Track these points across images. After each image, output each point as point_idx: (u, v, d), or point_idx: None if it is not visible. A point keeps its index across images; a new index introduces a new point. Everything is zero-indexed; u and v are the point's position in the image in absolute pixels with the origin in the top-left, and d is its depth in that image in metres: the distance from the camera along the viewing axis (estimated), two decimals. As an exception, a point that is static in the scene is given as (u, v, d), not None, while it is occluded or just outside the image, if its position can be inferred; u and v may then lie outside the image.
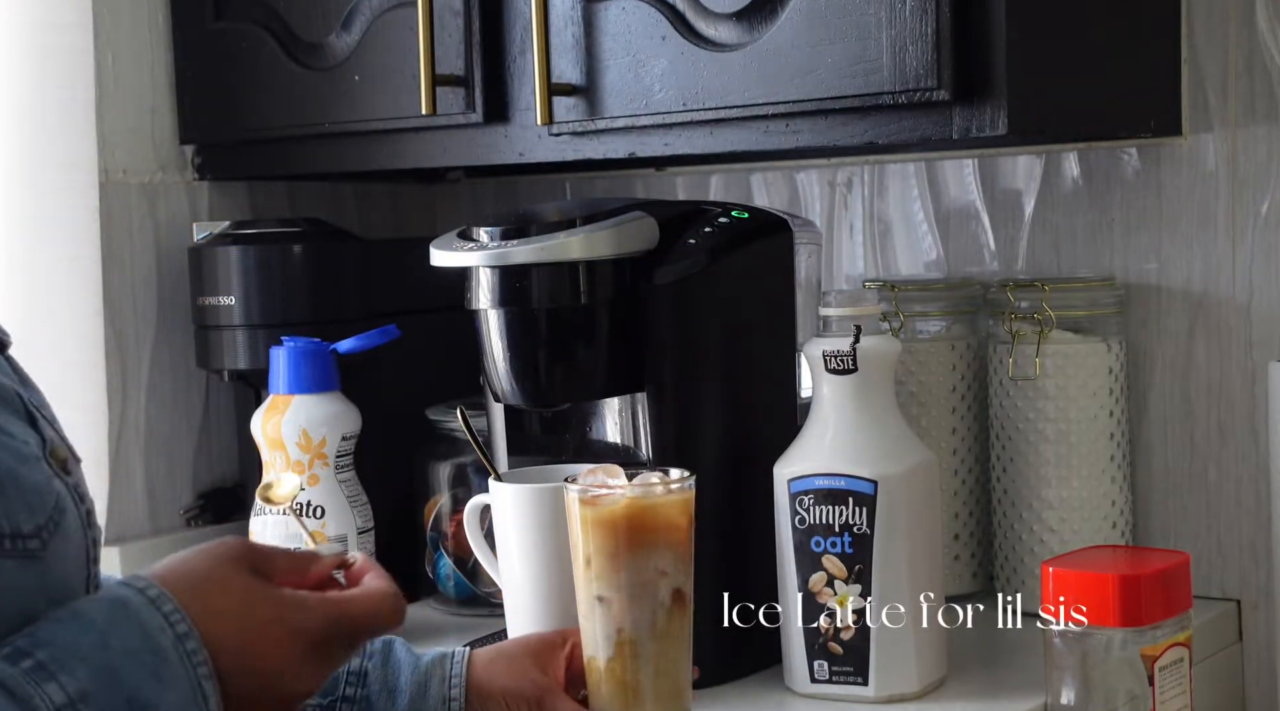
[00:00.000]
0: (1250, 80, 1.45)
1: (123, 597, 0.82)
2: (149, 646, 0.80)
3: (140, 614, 0.81)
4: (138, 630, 0.81)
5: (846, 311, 1.27)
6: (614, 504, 1.10)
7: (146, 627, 0.81)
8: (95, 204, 1.62)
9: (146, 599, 0.82)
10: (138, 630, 0.81)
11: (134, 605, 0.82)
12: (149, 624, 0.81)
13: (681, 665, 1.12)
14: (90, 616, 0.81)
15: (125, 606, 0.82)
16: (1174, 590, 1.14)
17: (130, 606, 0.82)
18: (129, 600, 0.82)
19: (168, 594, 0.82)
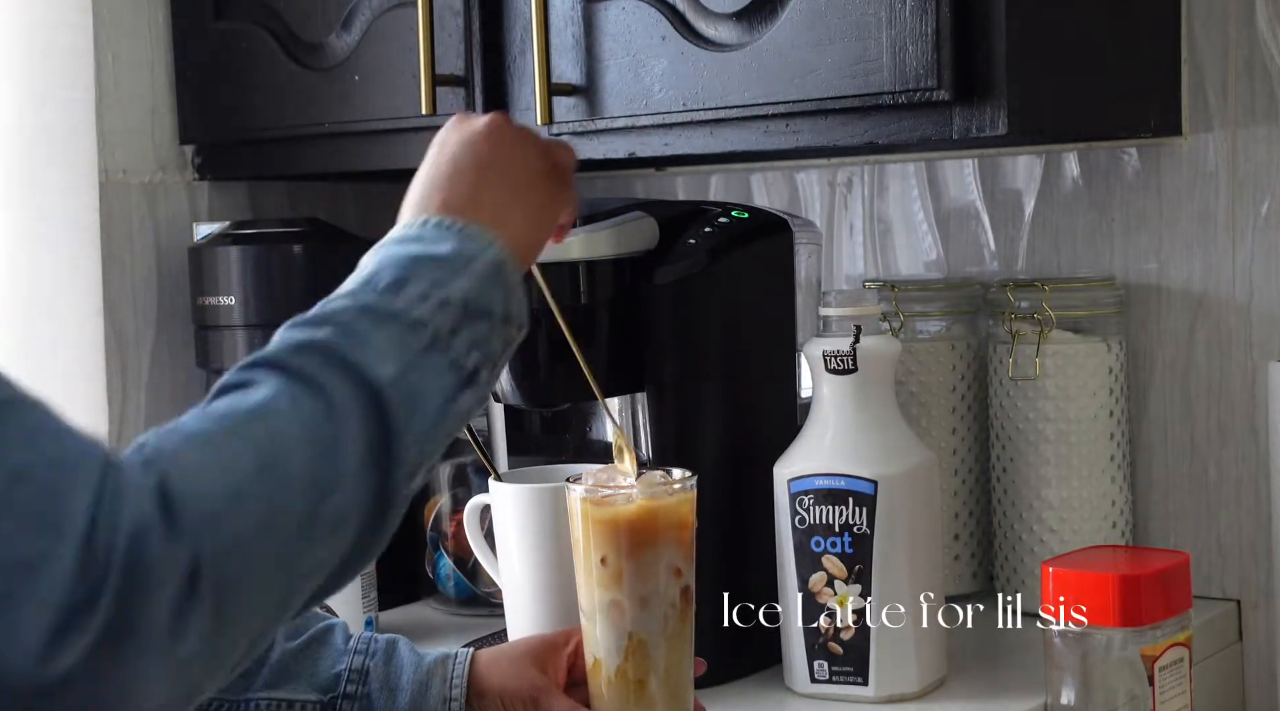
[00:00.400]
0: (1250, 80, 1.45)
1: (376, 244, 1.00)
2: (405, 240, 1.00)
3: (385, 239, 1.02)
4: (390, 242, 1.01)
5: (846, 311, 1.27)
6: (623, 504, 1.10)
7: (394, 237, 1.02)
8: (95, 204, 1.62)
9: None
10: (390, 242, 1.01)
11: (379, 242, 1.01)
12: (394, 236, 1.02)
13: (684, 664, 1.12)
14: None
15: (375, 245, 1.01)
16: (1174, 590, 1.14)
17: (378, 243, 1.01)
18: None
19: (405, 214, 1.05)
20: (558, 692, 1.13)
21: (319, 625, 1.14)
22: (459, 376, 0.91)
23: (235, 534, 0.76)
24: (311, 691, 1.10)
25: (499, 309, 0.94)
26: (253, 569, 0.78)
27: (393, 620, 1.55)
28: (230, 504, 0.77)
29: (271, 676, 1.10)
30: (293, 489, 0.80)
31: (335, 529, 0.82)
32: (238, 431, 0.80)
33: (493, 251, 0.96)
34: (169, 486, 0.75)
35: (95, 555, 0.71)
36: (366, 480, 0.83)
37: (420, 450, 0.87)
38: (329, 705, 1.10)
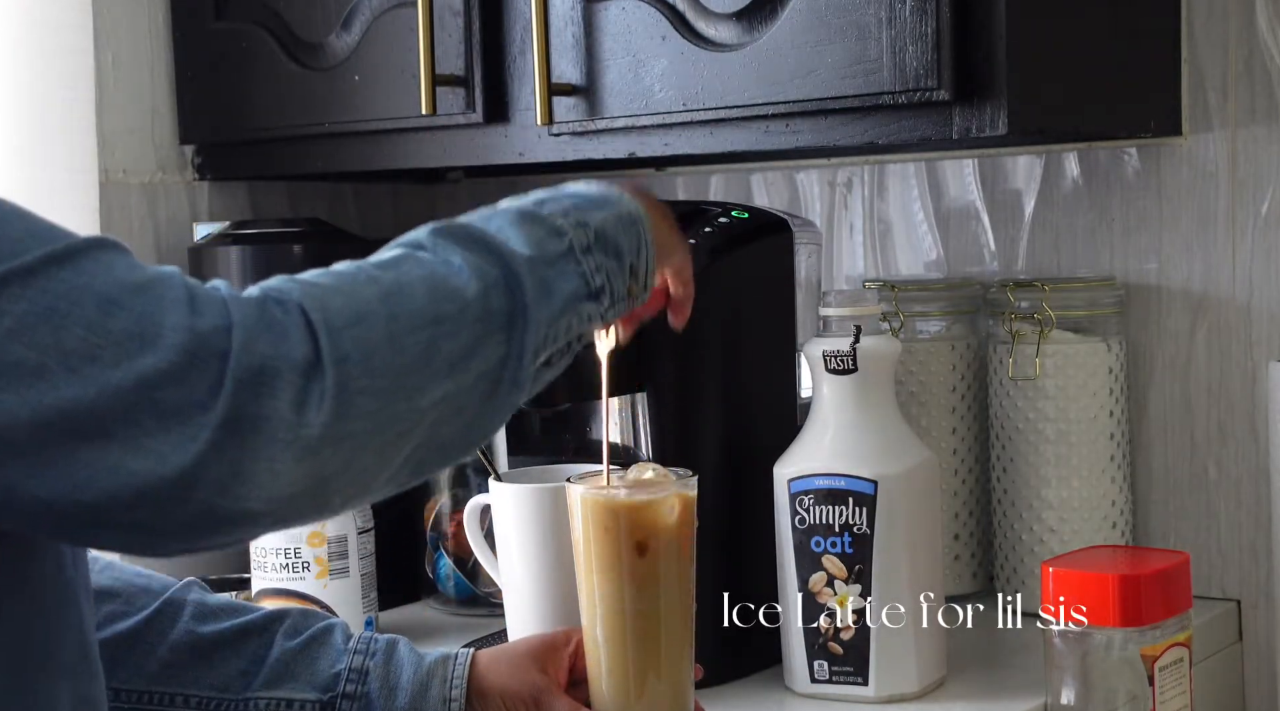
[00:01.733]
0: (1250, 80, 1.45)
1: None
2: (597, 201, 1.00)
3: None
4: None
5: (846, 311, 1.27)
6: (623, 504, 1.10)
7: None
8: (96, 204, 1.62)
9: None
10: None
11: None
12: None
13: (685, 664, 1.12)
14: None
15: None
16: (1174, 590, 1.14)
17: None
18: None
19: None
20: (559, 692, 1.13)
21: (319, 624, 1.14)
22: (586, 287, 0.95)
23: (359, 343, 0.81)
24: (311, 691, 1.10)
25: (628, 253, 0.99)
26: (373, 381, 0.81)
27: (393, 620, 1.55)
28: (353, 321, 0.82)
29: (271, 675, 1.10)
30: (414, 319, 0.84)
31: (458, 369, 0.86)
32: (362, 272, 0.86)
33: (634, 206, 1.01)
34: (286, 302, 0.81)
35: (202, 358, 0.77)
36: (494, 343, 0.88)
37: (543, 337, 0.91)
38: (329, 704, 1.10)
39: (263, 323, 0.79)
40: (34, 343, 0.76)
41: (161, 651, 1.09)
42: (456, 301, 0.87)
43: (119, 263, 0.79)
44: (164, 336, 0.77)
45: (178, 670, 1.09)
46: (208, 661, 1.10)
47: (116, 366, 0.76)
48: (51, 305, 0.76)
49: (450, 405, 0.86)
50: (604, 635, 1.11)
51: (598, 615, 1.11)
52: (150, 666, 1.08)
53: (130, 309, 0.77)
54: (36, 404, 0.75)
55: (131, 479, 0.76)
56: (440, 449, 0.88)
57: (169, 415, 0.76)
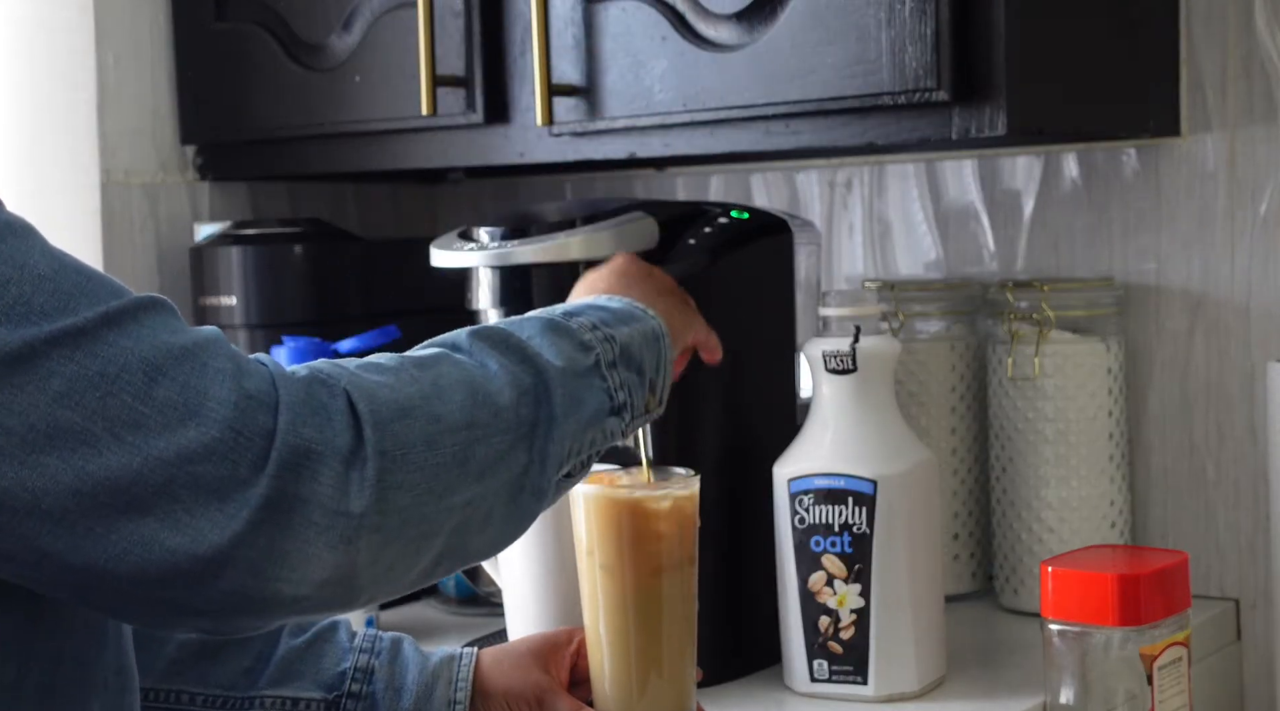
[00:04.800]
0: (1249, 81, 1.45)
1: None
2: (573, 307, 1.02)
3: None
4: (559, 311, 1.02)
5: (846, 311, 1.28)
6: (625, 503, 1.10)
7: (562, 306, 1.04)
8: (97, 204, 1.63)
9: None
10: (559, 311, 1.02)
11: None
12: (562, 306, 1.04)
13: (686, 663, 1.13)
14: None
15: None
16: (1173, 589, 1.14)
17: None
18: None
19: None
20: (561, 692, 1.13)
21: (323, 623, 1.14)
22: (610, 402, 0.97)
23: (401, 439, 0.82)
24: (316, 689, 1.11)
25: (649, 370, 1.02)
26: (414, 477, 0.82)
27: (393, 619, 1.55)
28: (397, 415, 0.82)
29: (276, 673, 1.11)
30: (453, 422, 0.85)
31: (488, 474, 0.87)
32: (405, 369, 0.86)
33: (654, 322, 1.04)
34: (335, 387, 0.81)
35: (246, 436, 0.77)
36: (520, 453, 0.89)
37: (567, 449, 0.93)
38: (333, 703, 1.11)
39: (310, 405, 0.79)
40: (82, 406, 0.75)
41: (169, 649, 1.09)
42: (491, 408, 0.88)
43: (163, 325, 0.79)
44: (209, 409, 0.76)
45: (185, 668, 1.09)
46: (214, 659, 1.10)
47: (159, 436, 0.75)
48: (102, 369, 0.76)
49: (477, 510, 0.87)
50: (606, 634, 1.11)
51: (600, 614, 1.11)
52: (158, 664, 1.09)
53: (175, 377, 0.77)
54: (80, 470, 0.75)
55: (166, 555, 0.76)
56: (463, 553, 0.89)
57: (209, 491, 0.76)
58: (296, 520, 0.77)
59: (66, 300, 0.77)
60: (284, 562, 0.77)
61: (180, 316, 0.81)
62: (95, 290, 0.78)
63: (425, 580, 0.88)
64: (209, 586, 0.77)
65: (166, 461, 0.75)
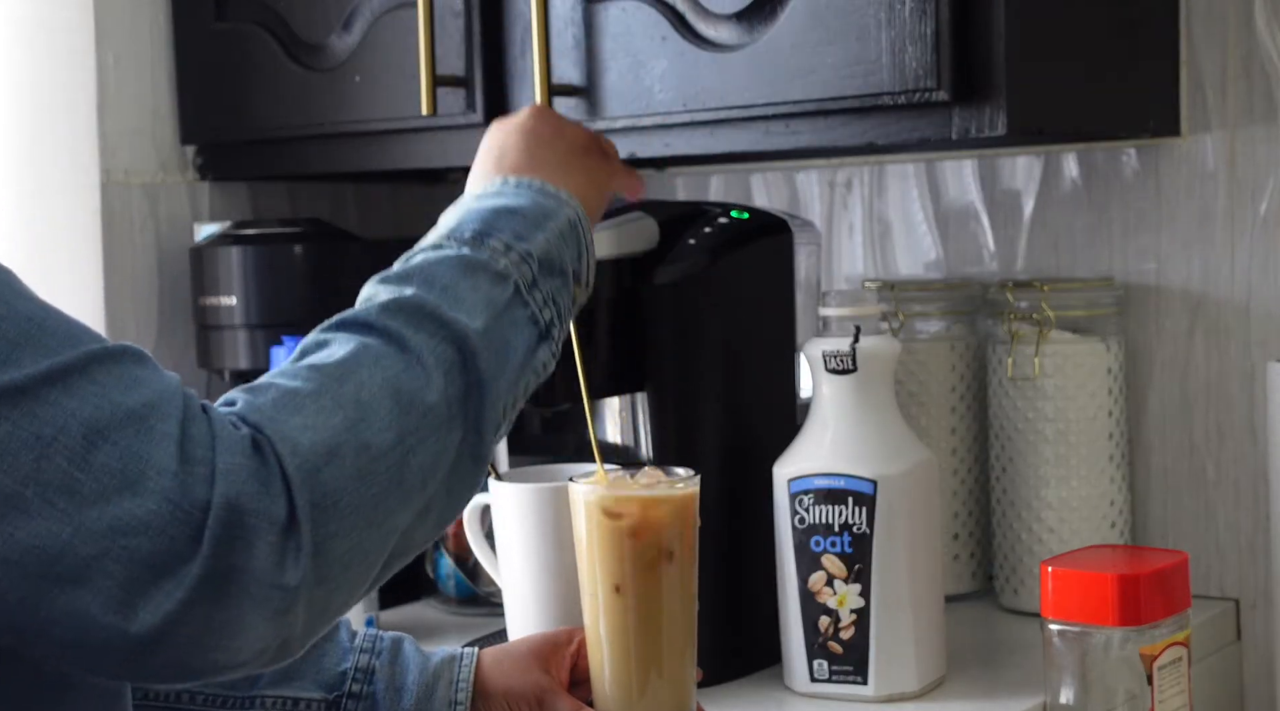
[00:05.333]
0: (1249, 81, 1.45)
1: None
2: (485, 196, 1.00)
3: (462, 197, 1.03)
4: (469, 197, 1.02)
5: (846, 311, 1.28)
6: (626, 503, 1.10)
7: (473, 193, 1.03)
8: (97, 204, 1.63)
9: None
10: (469, 197, 1.02)
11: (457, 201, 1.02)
12: (473, 192, 1.03)
13: (687, 663, 1.13)
14: None
15: (453, 204, 1.01)
16: (1172, 589, 1.14)
17: (455, 202, 1.02)
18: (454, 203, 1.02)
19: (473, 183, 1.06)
20: (562, 692, 1.13)
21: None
22: (537, 330, 0.95)
23: (331, 487, 0.79)
24: (317, 689, 1.11)
25: (571, 265, 1.00)
26: (350, 519, 0.80)
27: (393, 619, 1.55)
28: (324, 460, 0.79)
29: (277, 673, 1.10)
30: (383, 444, 0.82)
31: (427, 479, 0.85)
32: (326, 391, 0.82)
33: (569, 210, 1.01)
34: (263, 444, 0.78)
35: (185, 509, 0.73)
36: (456, 429, 0.86)
37: (505, 402, 0.91)
38: (334, 703, 1.11)
39: (245, 472, 0.76)
40: (14, 470, 0.72)
41: None
42: (420, 409, 0.84)
43: (115, 382, 0.76)
44: (148, 479, 0.73)
45: None
46: None
47: (94, 506, 0.72)
48: (38, 431, 0.72)
49: (421, 514, 0.85)
50: (606, 634, 1.11)
51: (600, 614, 1.11)
52: None
53: (116, 443, 0.73)
54: (8, 536, 0.72)
55: (99, 631, 0.73)
56: (408, 552, 0.87)
57: (143, 566, 0.73)
58: (233, 592, 0.74)
59: (9, 351, 0.74)
60: (220, 634, 0.75)
61: (145, 362, 0.78)
62: (43, 340, 0.75)
63: (378, 583, 0.87)
64: (145, 658, 0.75)
65: (99, 533, 0.72)
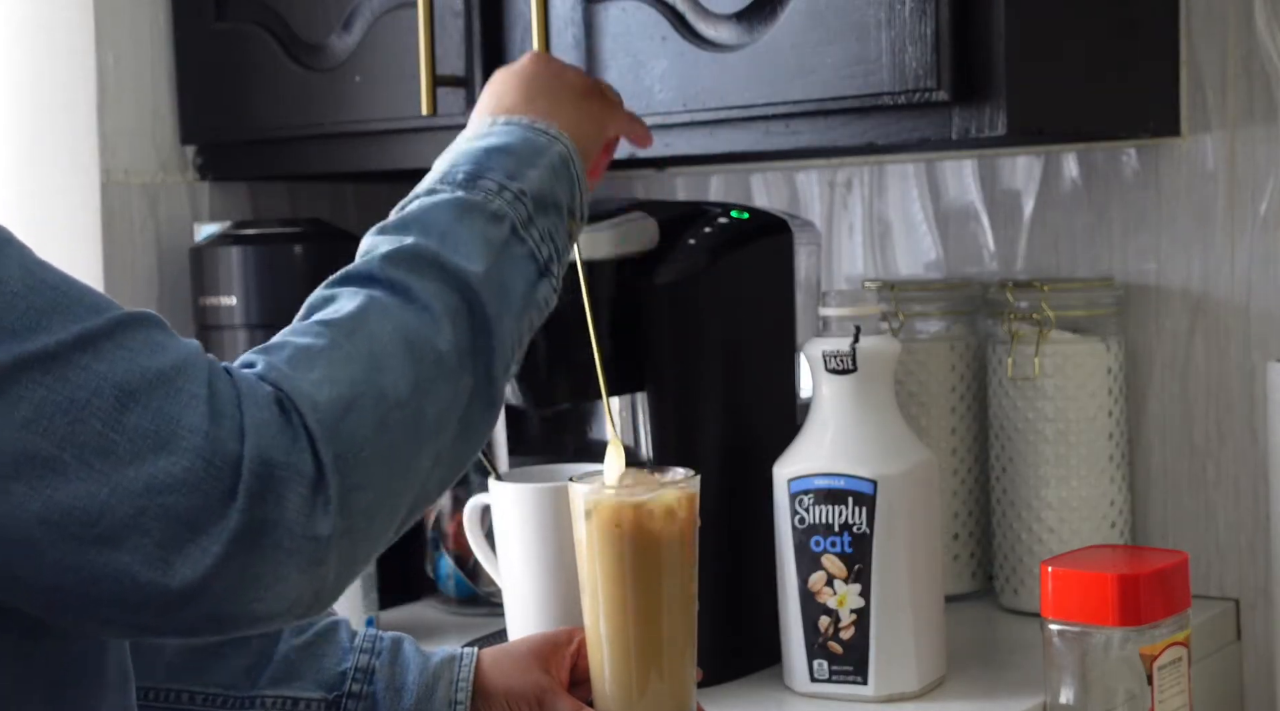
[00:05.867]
0: (1249, 81, 1.45)
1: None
2: (476, 136, 1.01)
3: (457, 137, 1.03)
4: (462, 138, 1.02)
5: (846, 311, 1.28)
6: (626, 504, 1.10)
7: (465, 132, 1.04)
8: (97, 204, 1.62)
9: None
10: (462, 138, 1.02)
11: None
12: (466, 131, 1.04)
13: (687, 663, 1.13)
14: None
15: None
16: (1172, 589, 1.14)
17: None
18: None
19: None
20: (562, 692, 1.13)
21: (324, 622, 1.14)
22: (536, 266, 0.96)
23: (352, 438, 0.80)
24: (316, 689, 1.11)
25: (565, 200, 1.00)
26: (372, 470, 0.81)
27: (393, 619, 1.55)
28: (344, 412, 0.81)
29: (277, 673, 1.11)
30: (399, 393, 0.83)
31: (443, 425, 0.86)
32: (339, 345, 0.84)
33: (559, 145, 1.02)
34: (285, 400, 0.79)
35: (217, 465, 0.76)
36: (467, 375, 0.88)
37: (511, 340, 0.92)
38: (334, 703, 1.11)
39: (273, 428, 0.78)
40: (51, 433, 0.74)
41: (169, 649, 1.09)
42: (433, 355, 0.86)
43: (141, 346, 0.77)
44: (180, 438, 0.75)
45: (185, 667, 1.09)
46: (215, 657, 1.10)
47: (130, 465, 0.74)
48: (72, 395, 0.74)
49: (438, 461, 0.87)
50: (606, 634, 1.11)
51: (600, 614, 1.11)
52: (159, 663, 1.09)
53: (148, 405, 0.75)
54: (48, 499, 0.74)
55: (138, 588, 0.75)
56: (428, 499, 0.89)
57: (180, 523, 0.75)
58: (267, 544, 0.76)
59: (39, 319, 0.75)
60: (257, 585, 0.77)
61: (165, 328, 0.80)
62: (71, 307, 0.77)
63: (418, 515, 0.89)
64: (183, 612, 0.76)
65: (136, 492, 0.74)
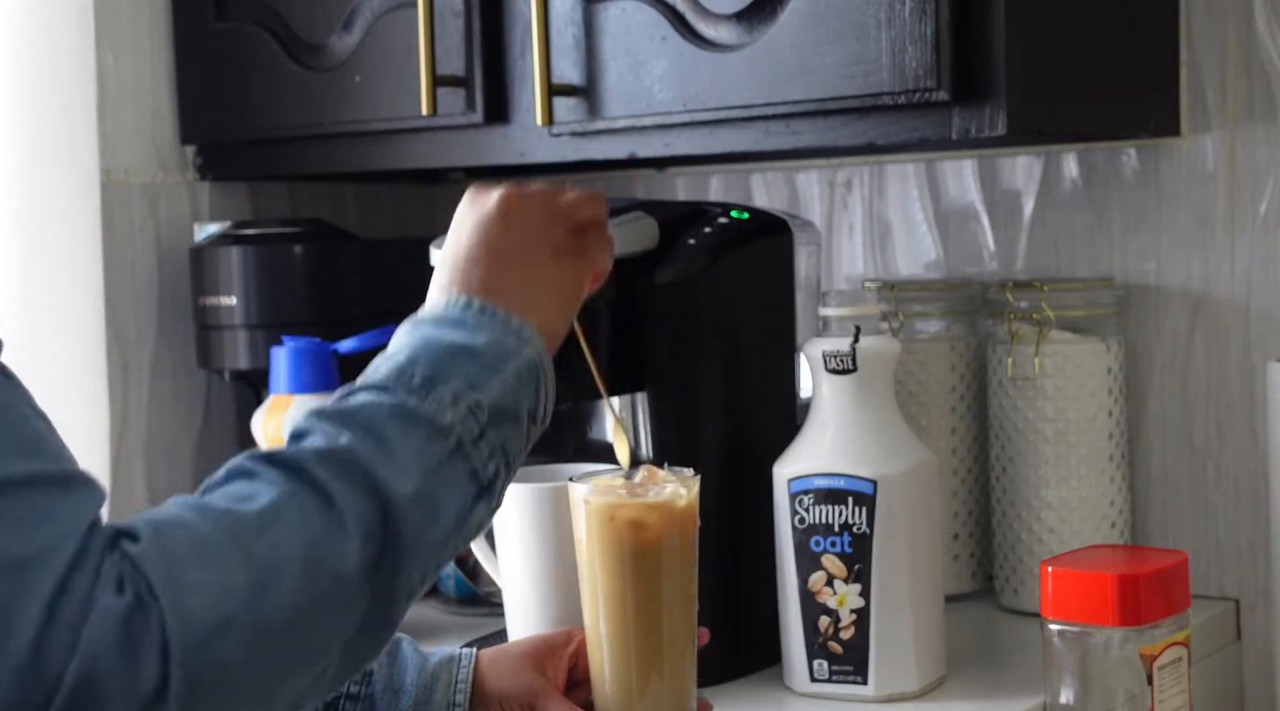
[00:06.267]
0: (1249, 81, 1.45)
1: (408, 319, 0.97)
2: (443, 323, 0.95)
3: (423, 315, 0.97)
4: (429, 321, 0.95)
5: (846, 311, 1.28)
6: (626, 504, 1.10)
7: (433, 315, 0.96)
8: (97, 204, 1.63)
9: (424, 308, 0.98)
10: (429, 321, 0.95)
11: (415, 316, 0.97)
12: (433, 313, 0.96)
13: (687, 664, 1.13)
14: (391, 343, 0.95)
15: (411, 320, 0.96)
16: (1172, 589, 1.14)
17: (414, 317, 0.97)
18: (412, 317, 0.97)
19: (438, 293, 0.99)
20: (556, 695, 1.12)
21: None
22: (476, 486, 0.90)
23: (214, 664, 0.74)
24: (313, 691, 1.10)
25: (527, 409, 0.94)
26: (228, 698, 0.74)
27: (393, 619, 1.55)
28: (214, 633, 0.74)
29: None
30: (283, 616, 0.77)
31: (325, 651, 0.80)
32: (239, 541, 0.77)
33: (529, 348, 0.95)
34: (149, 606, 0.73)
35: (31, 680, 0.69)
36: (365, 598, 0.81)
37: (426, 565, 0.86)
38: (331, 704, 1.11)
39: (110, 646, 0.71)
40: None
41: None
42: (331, 576, 0.79)
43: (10, 519, 0.71)
44: (6, 636, 0.69)
45: None
46: None
47: None
48: None
49: (316, 678, 0.80)
50: (607, 634, 1.11)
51: (600, 614, 1.11)
52: None
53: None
54: None
55: None
56: (305, 707, 0.81)
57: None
58: None
59: None
60: None
61: (69, 493, 0.74)
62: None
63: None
64: None
65: None
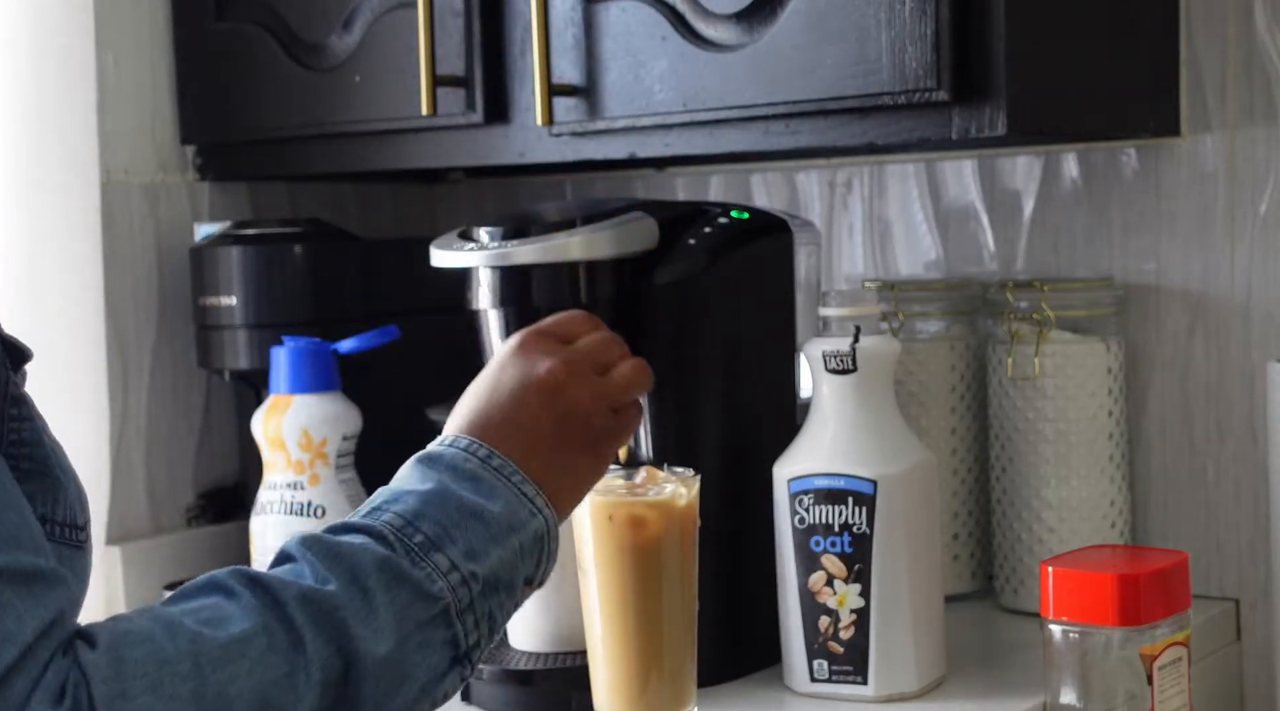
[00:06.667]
0: (1249, 81, 1.45)
1: (425, 453, 0.96)
2: (462, 474, 0.93)
3: (444, 456, 0.95)
4: (448, 466, 0.94)
5: (846, 311, 1.28)
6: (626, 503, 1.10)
7: (454, 462, 0.94)
8: (97, 204, 1.63)
9: (444, 445, 0.96)
10: (448, 466, 0.94)
11: (435, 452, 0.96)
12: (454, 459, 0.94)
13: (687, 663, 1.13)
14: (402, 475, 0.95)
15: (429, 456, 0.95)
16: (1173, 589, 1.14)
17: (433, 453, 0.96)
18: (430, 452, 0.96)
19: (462, 434, 0.97)
20: None
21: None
22: (453, 655, 0.88)
23: None
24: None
25: (523, 576, 0.93)
26: None
27: (393, 619, 1.55)
28: None
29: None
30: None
31: None
32: (198, 670, 0.76)
33: (537, 522, 0.94)
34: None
35: None
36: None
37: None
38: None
39: None
40: None
41: None
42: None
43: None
44: None
45: None
46: None
47: None
48: None
49: None
50: (606, 634, 1.11)
51: (600, 614, 1.11)
52: None
53: None
54: None
55: None
56: None
57: None
58: None
59: None
60: None
61: (28, 594, 0.74)
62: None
63: None
64: None
65: None
